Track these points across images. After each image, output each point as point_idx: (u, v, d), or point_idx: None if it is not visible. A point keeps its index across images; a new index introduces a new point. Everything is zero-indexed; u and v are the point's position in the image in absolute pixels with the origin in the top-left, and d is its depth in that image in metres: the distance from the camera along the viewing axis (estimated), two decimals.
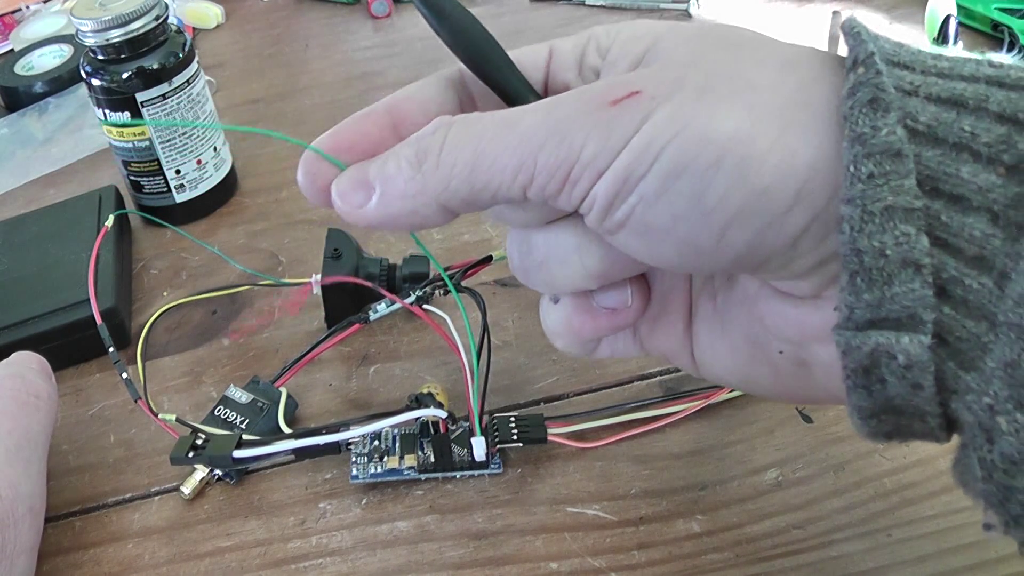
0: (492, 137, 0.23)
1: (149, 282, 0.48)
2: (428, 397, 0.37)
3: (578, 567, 0.32)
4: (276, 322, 0.44)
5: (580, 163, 0.22)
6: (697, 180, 0.21)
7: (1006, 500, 0.19)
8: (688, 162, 0.21)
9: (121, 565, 0.34)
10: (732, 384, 0.28)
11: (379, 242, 0.49)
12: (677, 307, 0.28)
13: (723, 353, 0.27)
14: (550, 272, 0.26)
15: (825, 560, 0.31)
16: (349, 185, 0.25)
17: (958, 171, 0.20)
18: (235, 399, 0.38)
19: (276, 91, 0.67)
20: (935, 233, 0.20)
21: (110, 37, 0.46)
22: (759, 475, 0.34)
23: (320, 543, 0.34)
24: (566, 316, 0.27)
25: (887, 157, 0.19)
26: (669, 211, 0.21)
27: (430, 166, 0.24)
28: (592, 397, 0.38)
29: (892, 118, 0.20)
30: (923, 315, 0.20)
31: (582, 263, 0.25)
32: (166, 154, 0.50)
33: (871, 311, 0.20)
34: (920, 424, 0.22)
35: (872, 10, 0.66)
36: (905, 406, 0.21)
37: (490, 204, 0.24)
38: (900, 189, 0.19)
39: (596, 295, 0.27)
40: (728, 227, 0.21)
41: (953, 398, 0.21)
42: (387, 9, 0.75)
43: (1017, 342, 0.18)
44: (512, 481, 0.35)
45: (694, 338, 0.28)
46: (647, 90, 0.22)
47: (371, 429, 0.33)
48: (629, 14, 0.70)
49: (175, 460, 0.33)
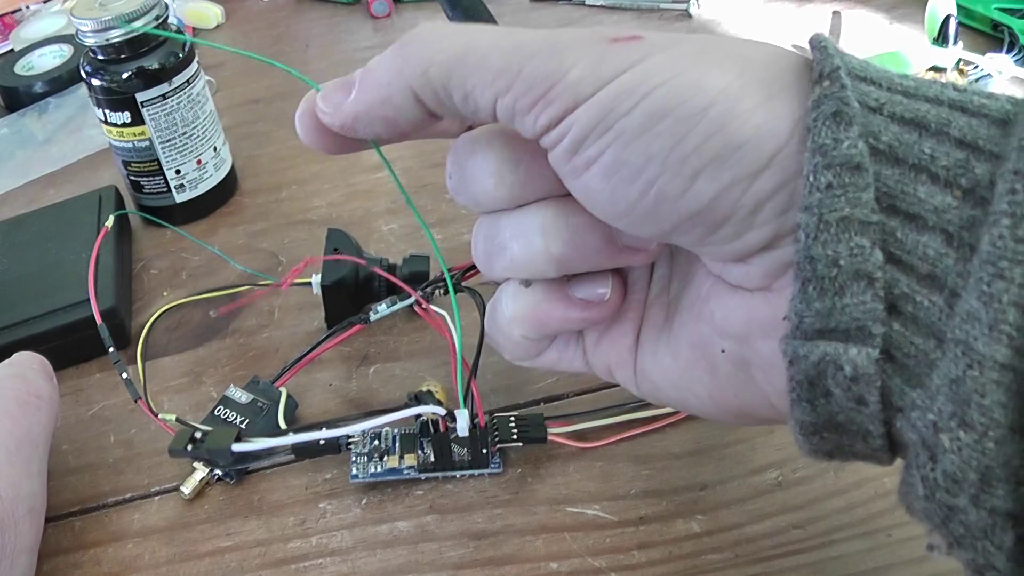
0: (487, 38, 0.23)
1: (149, 282, 0.48)
2: (427, 395, 0.37)
3: (578, 567, 0.32)
4: (276, 322, 0.44)
5: (563, 83, 0.22)
6: (680, 124, 0.21)
7: (948, 520, 0.19)
8: (676, 105, 0.21)
9: (121, 565, 0.34)
10: (667, 397, 0.27)
11: (379, 242, 0.49)
12: (630, 316, 0.28)
13: (665, 362, 0.26)
14: (512, 255, 0.26)
15: (825, 560, 0.31)
16: (333, 87, 0.26)
17: (915, 191, 0.20)
18: (235, 399, 0.38)
19: (276, 91, 0.67)
20: (889, 249, 0.20)
21: (110, 37, 0.46)
22: (759, 475, 0.34)
23: (320, 543, 0.34)
24: (535, 302, 0.27)
25: (847, 170, 0.20)
26: (644, 152, 0.21)
27: (416, 47, 0.24)
28: (592, 397, 0.38)
29: (854, 131, 0.20)
30: (872, 328, 0.20)
31: (546, 246, 0.25)
32: (166, 154, 0.50)
33: (821, 320, 0.20)
34: (863, 444, 0.22)
35: (872, 10, 0.66)
36: (848, 423, 0.21)
37: (456, 107, 0.24)
38: (857, 202, 0.20)
39: (573, 284, 0.27)
40: (699, 175, 0.21)
41: (898, 416, 0.20)
42: (387, 9, 0.75)
43: (963, 358, 0.18)
44: (512, 481, 0.35)
45: (639, 347, 0.27)
46: (648, 39, 0.22)
47: (370, 425, 0.33)
48: (629, 14, 0.70)
49: (173, 452, 0.33)
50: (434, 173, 0.54)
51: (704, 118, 0.21)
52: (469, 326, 0.37)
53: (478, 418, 0.33)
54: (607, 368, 0.28)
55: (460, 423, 0.33)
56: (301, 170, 0.56)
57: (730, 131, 0.21)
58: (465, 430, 0.33)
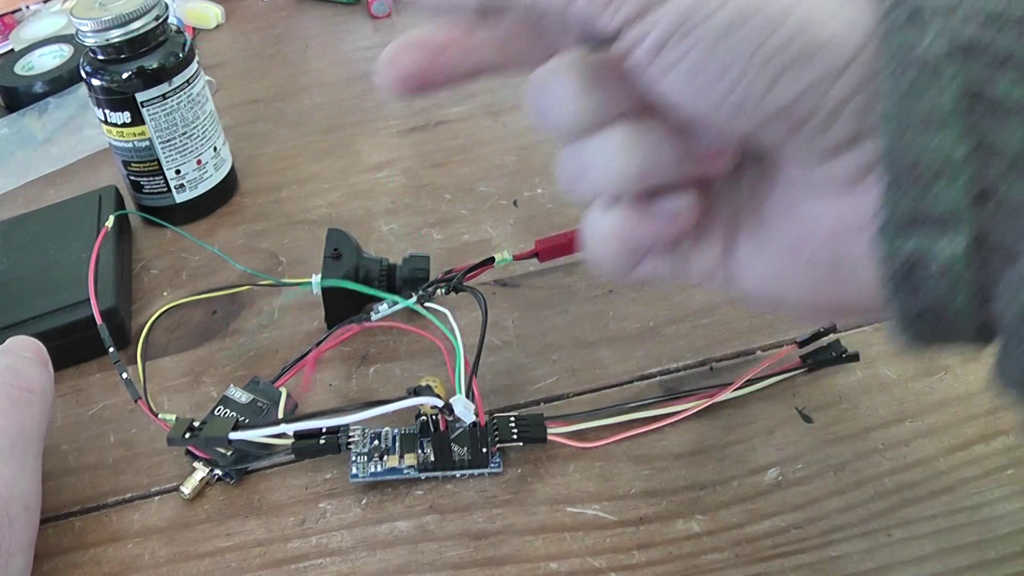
0: None
1: (149, 282, 0.48)
2: (426, 389, 0.37)
3: (578, 567, 0.32)
4: (276, 322, 0.44)
5: None
6: (764, 26, 0.22)
7: None
8: (759, 7, 0.22)
9: (121, 565, 0.34)
10: (764, 295, 0.28)
11: (379, 242, 0.49)
12: (718, 226, 0.28)
13: (757, 269, 0.27)
14: (596, 173, 0.26)
15: (825, 560, 0.31)
16: None
17: (1000, 81, 0.20)
18: (235, 399, 0.38)
19: (276, 91, 0.67)
20: (975, 138, 0.20)
21: (110, 37, 0.46)
22: (759, 475, 0.34)
23: (320, 543, 0.34)
24: (621, 219, 0.27)
25: (927, 67, 0.20)
26: (728, 54, 0.22)
27: None
28: (592, 397, 0.38)
29: (932, 30, 0.20)
30: (962, 217, 0.20)
31: (627, 160, 0.25)
32: (166, 154, 0.50)
33: (910, 214, 0.21)
34: (958, 330, 0.22)
35: None
36: (943, 311, 0.22)
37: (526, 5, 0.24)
38: (940, 96, 0.20)
39: (656, 199, 0.27)
40: (782, 74, 0.22)
41: (991, 298, 0.21)
42: (387, 9, 0.75)
43: None
44: (512, 481, 0.35)
45: (734, 250, 0.28)
46: None
47: (368, 415, 0.33)
48: None
49: (172, 441, 0.34)
50: (434, 173, 0.54)
51: (788, 19, 0.21)
52: (469, 326, 0.37)
53: (478, 417, 0.33)
54: (702, 275, 0.29)
55: (458, 408, 0.33)
56: (301, 170, 0.56)
57: (811, 33, 0.21)
58: (466, 415, 0.33)
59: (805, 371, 0.38)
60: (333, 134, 0.60)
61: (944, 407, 0.36)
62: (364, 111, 0.62)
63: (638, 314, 0.42)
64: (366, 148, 0.58)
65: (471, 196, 0.52)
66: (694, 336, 0.41)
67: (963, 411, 0.36)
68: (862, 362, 0.38)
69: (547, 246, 0.44)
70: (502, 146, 0.56)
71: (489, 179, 0.53)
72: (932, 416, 0.36)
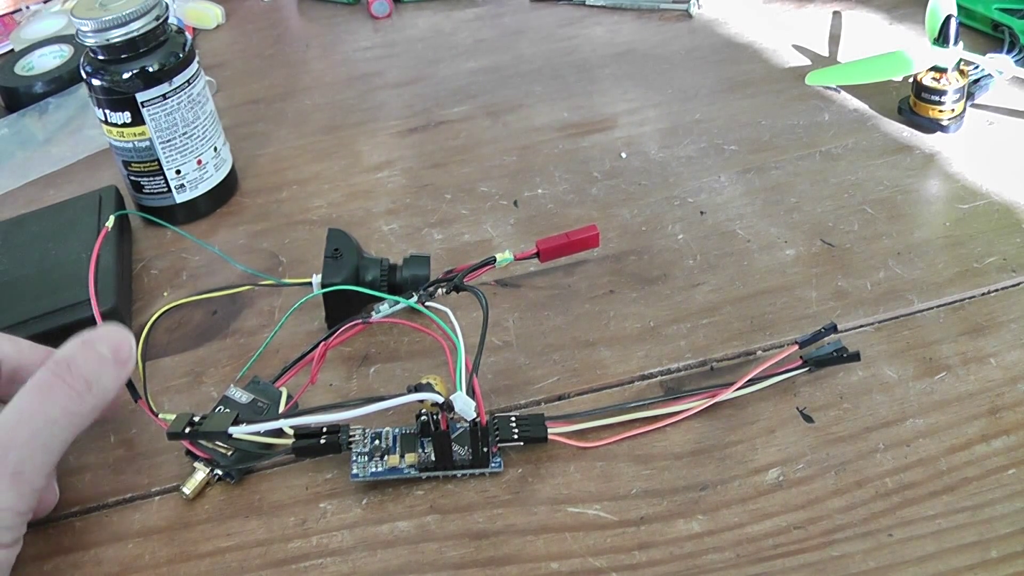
0: None
1: (149, 282, 0.48)
2: (427, 387, 0.37)
3: (579, 567, 0.32)
4: (276, 322, 0.44)
5: None
6: None
7: None
8: None
9: (121, 565, 0.34)
10: None
11: (379, 242, 0.49)
12: None
13: None
14: None
15: (826, 560, 0.31)
16: None
17: None
18: (235, 399, 0.38)
19: (276, 91, 0.67)
20: None
21: (110, 37, 0.46)
22: (760, 475, 0.34)
23: (321, 543, 0.34)
24: None
25: None
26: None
27: None
28: (592, 397, 0.38)
29: None
30: None
31: None
32: (166, 154, 0.50)
33: None
34: None
35: (872, 10, 0.66)
36: None
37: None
38: None
39: None
40: None
41: None
42: (387, 9, 0.75)
43: None
44: (513, 481, 0.35)
45: None
46: None
47: (368, 411, 0.32)
48: (629, 14, 0.70)
49: (172, 435, 0.34)
50: (434, 173, 0.54)
51: None
52: (469, 326, 0.37)
53: (479, 415, 0.33)
54: None
55: (458, 404, 0.32)
56: (301, 170, 0.56)
57: None
58: (467, 411, 0.32)
59: (806, 371, 0.38)
60: (333, 134, 0.60)
61: (945, 407, 0.36)
62: (364, 111, 0.62)
63: (639, 314, 0.42)
64: (366, 148, 0.58)
65: (472, 196, 0.52)
66: (695, 336, 0.41)
67: (964, 411, 0.36)
68: (863, 362, 0.38)
69: (548, 246, 0.43)
70: (502, 146, 0.56)
71: (489, 179, 0.53)
72: (933, 416, 0.35)
